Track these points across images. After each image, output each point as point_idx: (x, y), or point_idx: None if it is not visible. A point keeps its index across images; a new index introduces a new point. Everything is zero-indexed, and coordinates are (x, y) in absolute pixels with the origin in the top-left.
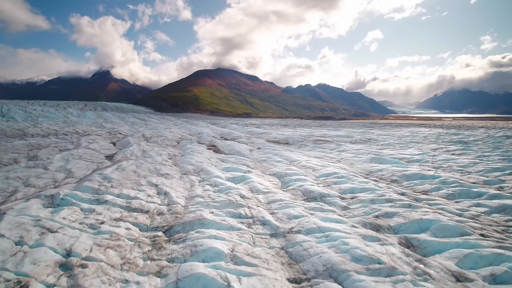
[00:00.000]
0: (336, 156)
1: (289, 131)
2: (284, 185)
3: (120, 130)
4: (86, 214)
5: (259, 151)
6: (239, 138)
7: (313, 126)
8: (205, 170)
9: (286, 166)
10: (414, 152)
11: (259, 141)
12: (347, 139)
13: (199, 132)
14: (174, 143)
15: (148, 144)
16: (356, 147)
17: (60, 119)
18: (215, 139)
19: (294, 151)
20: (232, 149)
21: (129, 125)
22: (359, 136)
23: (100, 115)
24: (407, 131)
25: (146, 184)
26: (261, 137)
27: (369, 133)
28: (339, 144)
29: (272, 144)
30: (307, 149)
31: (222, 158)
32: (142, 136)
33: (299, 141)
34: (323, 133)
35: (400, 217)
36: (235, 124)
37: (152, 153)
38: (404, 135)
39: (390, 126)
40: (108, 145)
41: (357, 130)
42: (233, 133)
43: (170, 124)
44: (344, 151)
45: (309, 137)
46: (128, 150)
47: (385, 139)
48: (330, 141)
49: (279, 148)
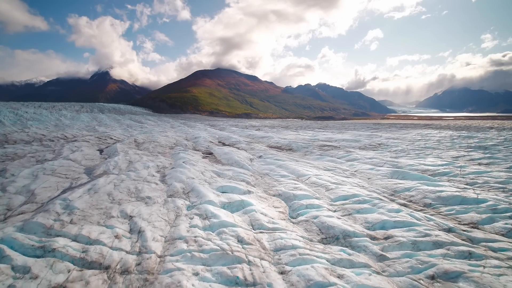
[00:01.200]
0: (348, 167)
1: (292, 134)
2: (293, 212)
3: (112, 135)
4: (14, 280)
5: (260, 160)
6: (238, 143)
7: (315, 128)
8: (196, 190)
9: (293, 183)
10: (435, 161)
11: (260, 147)
12: (355, 144)
13: (195, 136)
14: (167, 150)
15: (137, 152)
16: (368, 154)
17: (52, 122)
18: (212, 144)
19: (300, 161)
20: (230, 158)
21: (123, 128)
22: (367, 140)
23: (95, 118)
24: (416, 134)
25: (118, 215)
26: (262, 141)
27: (376, 136)
28: (348, 151)
29: (275, 151)
30: (313, 157)
31: (218, 171)
32: (134, 142)
33: (304, 147)
34: (328, 136)
35: (469, 282)
36: (234, 126)
37: (138, 164)
38: (415, 139)
39: (396, 127)
40: (93, 154)
41: (363, 132)
42: (232, 137)
43: (167, 126)
44: (355, 161)
45: (313, 141)
46: (112, 161)
47: (396, 144)
48: (338, 147)
49: (282, 157)
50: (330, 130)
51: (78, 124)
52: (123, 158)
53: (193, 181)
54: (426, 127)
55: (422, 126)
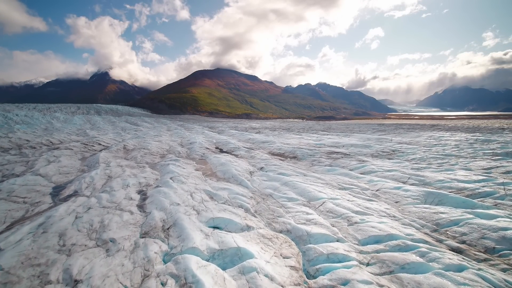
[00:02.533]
0: (368, 185)
1: (294, 138)
2: (310, 266)
3: (101, 140)
4: None
5: (261, 174)
6: (237, 150)
7: (319, 131)
8: (180, 225)
9: (304, 211)
10: (468, 175)
11: (261, 154)
12: (366, 151)
13: (191, 141)
14: (157, 159)
15: (121, 163)
16: (385, 165)
17: (42, 125)
18: (208, 152)
19: (308, 175)
20: (227, 171)
21: (116, 132)
22: (378, 145)
23: (89, 120)
24: (428, 137)
25: (59, 279)
26: (263, 147)
27: (386, 140)
28: (361, 160)
29: (278, 161)
30: (322, 168)
31: (211, 191)
32: (123, 149)
33: (310, 155)
34: (334, 141)
35: None
36: (234, 128)
37: (118, 181)
38: (430, 143)
39: (402, 129)
40: (72, 165)
41: (370, 136)
42: (230, 142)
43: (163, 129)
44: (373, 174)
45: (319, 147)
46: (88, 177)
47: (412, 150)
48: (348, 154)
49: (287, 169)
50: (335, 133)
51: (69, 127)
52: (102, 173)
53: (178, 209)
54: (434, 128)
55: (429, 127)
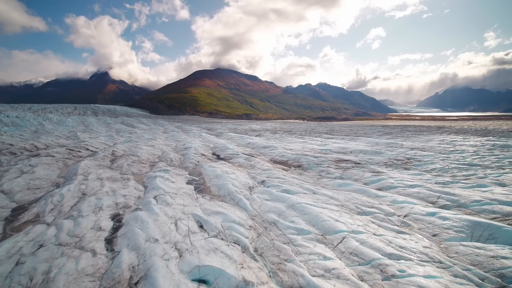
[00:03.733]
0: (392, 207)
1: (297, 143)
2: None
3: (90, 144)
4: None
5: (263, 191)
6: (236, 157)
7: (322, 133)
8: (151, 280)
9: (320, 253)
10: (508, 193)
11: (262, 163)
12: (378, 159)
13: (186, 146)
14: (145, 169)
15: (103, 174)
16: (404, 178)
17: (33, 127)
18: (203, 159)
19: (318, 192)
20: (222, 186)
21: (108, 135)
22: (389, 151)
23: (83, 121)
24: (440, 141)
25: None
26: (264, 153)
27: (396, 145)
28: (376, 170)
29: (281, 172)
30: (333, 182)
31: (200, 218)
32: (110, 155)
33: (316, 164)
34: (340, 145)
35: None
36: (233, 131)
37: (89, 203)
38: (446, 150)
39: (409, 131)
40: (47, 177)
41: (378, 140)
42: (229, 148)
43: (159, 132)
44: (393, 190)
45: (325, 153)
46: (57, 194)
47: (429, 158)
48: (359, 163)
49: (292, 184)
50: (340, 136)
51: (60, 129)
52: (76, 189)
53: (155, 249)
54: (442, 131)
55: (436, 129)
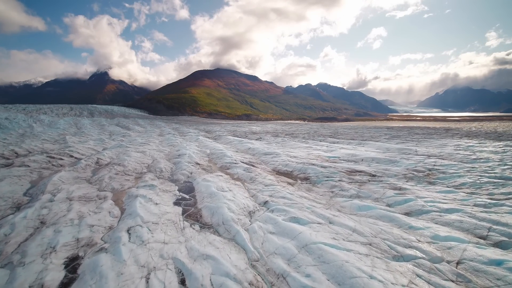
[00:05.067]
0: (435, 247)
1: (302, 148)
2: None
3: (76, 150)
4: None
5: (266, 218)
6: (234, 167)
7: (326, 136)
8: None
9: None
10: None
11: (264, 175)
12: (395, 170)
13: (181, 152)
14: (128, 183)
15: (76, 192)
16: (436, 199)
17: (21, 130)
18: (197, 170)
19: (335, 222)
20: (216, 211)
21: (99, 138)
22: (405, 159)
23: (76, 123)
24: (456, 147)
25: None
26: (266, 161)
27: (409, 151)
28: (396, 186)
29: (286, 189)
30: (350, 203)
31: (183, 267)
32: (94, 164)
33: (326, 176)
34: (349, 152)
35: None
36: (232, 134)
37: (41, 240)
38: (467, 157)
39: (417, 134)
40: (9, 195)
41: (389, 145)
42: (227, 154)
43: (154, 135)
44: (427, 216)
45: (333, 161)
46: (8, 225)
47: (452, 168)
48: (374, 176)
49: (302, 210)
50: (345, 140)
51: (49, 132)
52: (35, 215)
53: None
54: (452, 134)
55: (444, 132)
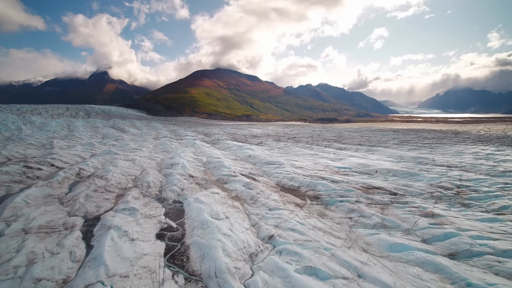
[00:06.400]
0: None
1: (306, 156)
2: None
3: (59, 157)
4: None
5: (272, 267)
6: (232, 181)
7: (332, 141)
8: None
9: None
10: None
11: (267, 193)
12: (418, 186)
13: (174, 161)
14: (105, 205)
15: (37, 219)
16: (483, 231)
17: (8, 132)
18: (190, 184)
19: (367, 275)
20: (207, 253)
21: (88, 143)
22: (426, 172)
23: (69, 125)
24: (474, 155)
25: None
26: (268, 173)
27: (427, 161)
28: (429, 212)
29: (296, 216)
30: (377, 239)
31: None
32: (72, 177)
33: (340, 195)
34: (360, 161)
35: None
36: (231, 136)
37: None
38: (493, 169)
39: (427, 138)
40: None
41: (401, 152)
42: (224, 164)
43: (149, 138)
44: (483, 262)
45: (345, 173)
46: None
47: (483, 184)
48: (396, 194)
49: (320, 254)
50: (353, 146)
51: (37, 135)
52: None
53: None
54: (464, 139)
55: (453, 135)
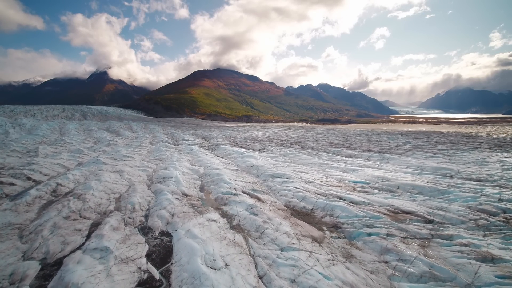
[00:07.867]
0: None
1: (315, 166)
2: None
3: (38, 169)
4: None
5: None
6: (232, 202)
7: (340, 147)
8: None
9: None
10: None
11: (276, 220)
12: (457, 211)
13: (166, 174)
14: (72, 242)
15: None
16: None
17: None
18: (182, 207)
19: None
20: None
21: (76, 149)
22: (457, 188)
23: (61, 128)
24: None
25: None
26: (275, 190)
27: (451, 173)
28: (483, 251)
29: (316, 261)
30: None
31: None
32: (46, 195)
33: (366, 226)
34: (377, 174)
35: None
36: (231, 141)
37: None
38: None
39: (439, 143)
40: None
41: (419, 161)
42: (224, 178)
43: (144, 142)
44: None
45: (363, 190)
46: None
47: None
48: (431, 222)
49: None
50: (363, 152)
51: (25, 140)
52: None
53: None
54: (479, 144)
55: (465, 139)
